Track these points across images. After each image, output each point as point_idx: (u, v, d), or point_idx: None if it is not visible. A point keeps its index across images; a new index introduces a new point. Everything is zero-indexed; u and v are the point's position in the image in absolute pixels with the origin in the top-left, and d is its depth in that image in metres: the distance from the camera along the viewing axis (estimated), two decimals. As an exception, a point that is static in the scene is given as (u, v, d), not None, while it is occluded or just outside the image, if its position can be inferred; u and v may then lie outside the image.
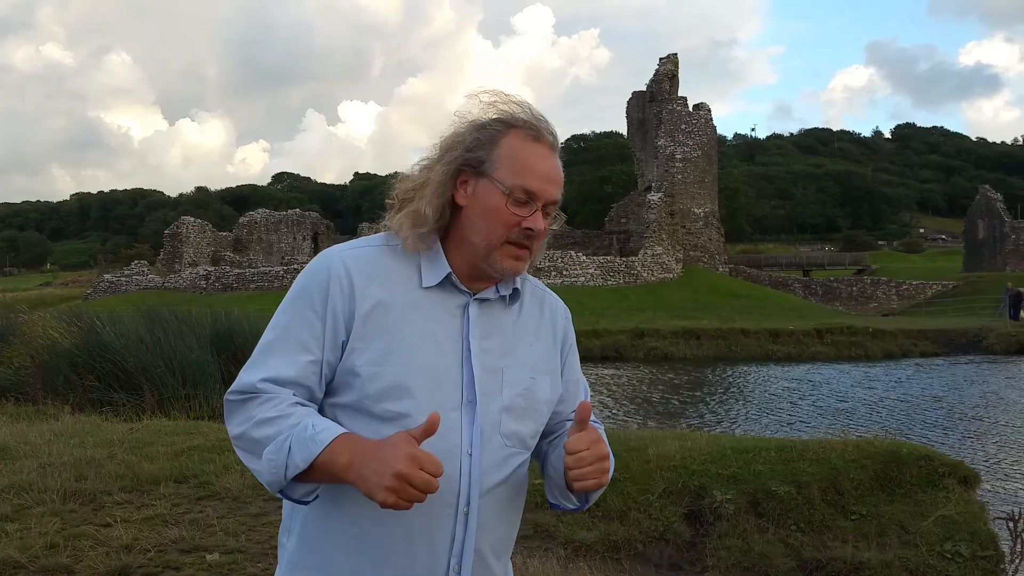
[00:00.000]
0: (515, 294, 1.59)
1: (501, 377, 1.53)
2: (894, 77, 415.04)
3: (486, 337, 1.54)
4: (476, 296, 1.55)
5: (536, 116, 1.55)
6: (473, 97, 1.56)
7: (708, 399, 16.22)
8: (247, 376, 1.47)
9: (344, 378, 1.48)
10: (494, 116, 1.54)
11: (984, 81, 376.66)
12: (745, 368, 20.95)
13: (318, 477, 1.38)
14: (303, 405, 1.45)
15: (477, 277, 1.55)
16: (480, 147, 1.51)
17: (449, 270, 1.52)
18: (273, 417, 1.41)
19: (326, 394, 1.50)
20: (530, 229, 1.50)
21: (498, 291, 1.57)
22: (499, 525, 1.55)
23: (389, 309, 1.48)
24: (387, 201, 1.62)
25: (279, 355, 1.47)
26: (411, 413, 1.44)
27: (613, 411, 14.78)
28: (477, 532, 1.49)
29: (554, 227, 1.58)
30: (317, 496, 1.43)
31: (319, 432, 1.36)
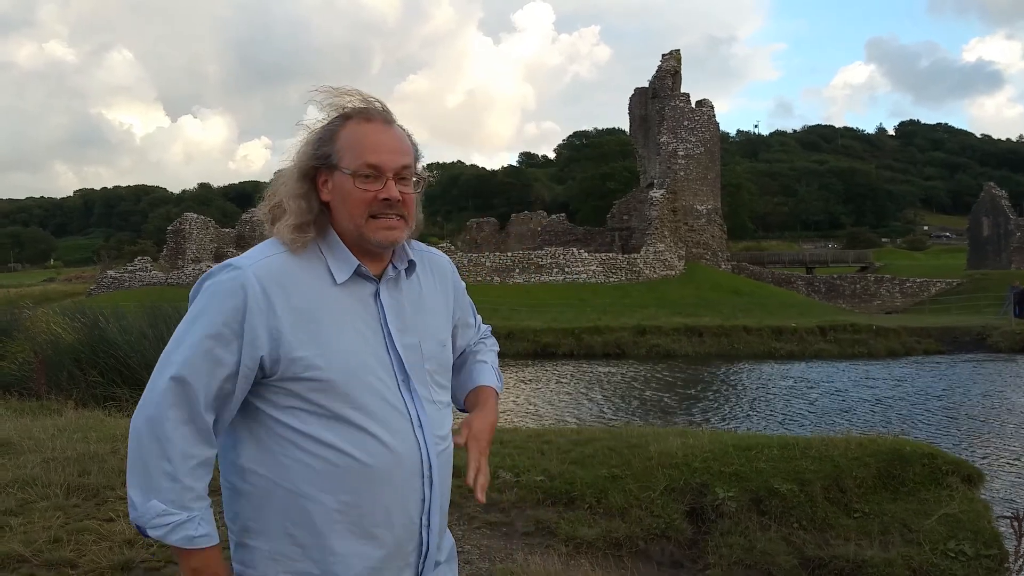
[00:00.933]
0: (411, 266, 1.72)
1: (420, 352, 1.68)
2: (894, 74, 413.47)
3: (399, 317, 1.67)
4: (381, 280, 1.66)
5: (366, 99, 1.66)
6: (309, 102, 1.68)
7: (710, 396, 16.21)
8: (164, 381, 1.55)
9: (285, 386, 1.57)
10: (332, 114, 1.66)
11: (985, 78, 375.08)
12: (747, 365, 20.94)
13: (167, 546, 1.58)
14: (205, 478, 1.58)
15: (370, 257, 1.66)
16: (324, 144, 1.62)
17: (357, 263, 1.63)
18: (187, 486, 1.54)
19: (272, 403, 1.59)
20: (386, 199, 1.60)
21: (396, 268, 1.69)
22: (447, 478, 1.72)
23: (311, 314, 1.58)
24: (260, 215, 1.71)
25: (196, 373, 1.54)
26: (364, 406, 1.58)
27: (614, 408, 14.78)
28: (439, 490, 1.66)
29: (418, 191, 1.69)
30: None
31: (199, 536, 1.54)
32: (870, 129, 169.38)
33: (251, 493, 1.60)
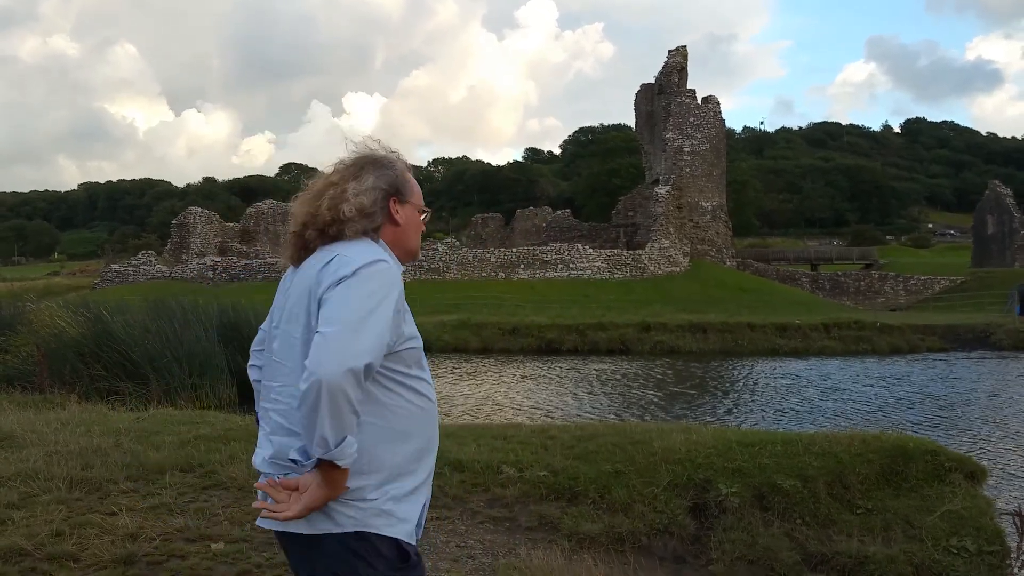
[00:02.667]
0: None
1: None
2: (894, 72, 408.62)
3: None
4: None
5: (401, 157, 2.32)
6: (368, 146, 2.30)
7: (712, 392, 16.21)
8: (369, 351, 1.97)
9: (397, 354, 2.08)
10: (390, 157, 2.29)
11: (985, 77, 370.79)
12: (751, 362, 20.92)
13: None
14: None
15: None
16: (400, 183, 2.26)
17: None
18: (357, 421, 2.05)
19: (387, 365, 2.05)
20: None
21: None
22: None
23: (406, 300, 2.15)
24: (345, 214, 2.19)
25: (380, 339, 1.99)
26: (425, 363, 2.22)
27: (618, 404, 14.78)
28: None
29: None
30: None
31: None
32: (876, 127, 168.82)
33: (361, 440, 1.98)
